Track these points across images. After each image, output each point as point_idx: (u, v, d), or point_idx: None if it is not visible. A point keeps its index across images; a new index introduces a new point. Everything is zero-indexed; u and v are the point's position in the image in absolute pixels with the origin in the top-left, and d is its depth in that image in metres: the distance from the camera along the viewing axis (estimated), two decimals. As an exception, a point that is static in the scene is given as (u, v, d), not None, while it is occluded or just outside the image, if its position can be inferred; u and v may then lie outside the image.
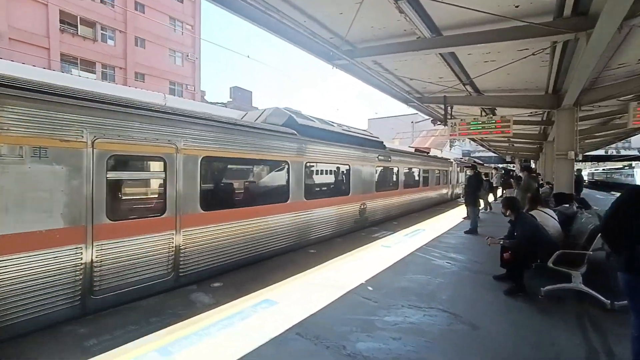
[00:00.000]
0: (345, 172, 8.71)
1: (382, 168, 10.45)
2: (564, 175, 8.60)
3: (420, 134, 41.39)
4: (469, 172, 9.70)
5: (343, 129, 8.75)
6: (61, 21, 24.28)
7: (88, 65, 26.03)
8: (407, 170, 12.65)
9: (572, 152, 8.40)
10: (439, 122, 12.28)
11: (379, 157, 9.85)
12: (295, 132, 6.92)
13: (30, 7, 22.63)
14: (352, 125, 9.90)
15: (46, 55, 23.38)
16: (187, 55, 33.24)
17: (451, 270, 5.48)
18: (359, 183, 9.01)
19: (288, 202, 6.77)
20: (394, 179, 11.56)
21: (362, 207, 9.30)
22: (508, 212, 4.52)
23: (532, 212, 4.80)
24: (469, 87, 9.49)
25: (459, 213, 12.54)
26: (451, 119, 10.89)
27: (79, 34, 25.40)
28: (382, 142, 10.44)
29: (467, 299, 4.21)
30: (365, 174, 9.22)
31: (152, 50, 30.19)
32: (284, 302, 3.99)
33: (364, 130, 10.20)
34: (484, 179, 12.64)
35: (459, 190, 21.44)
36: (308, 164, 7.25)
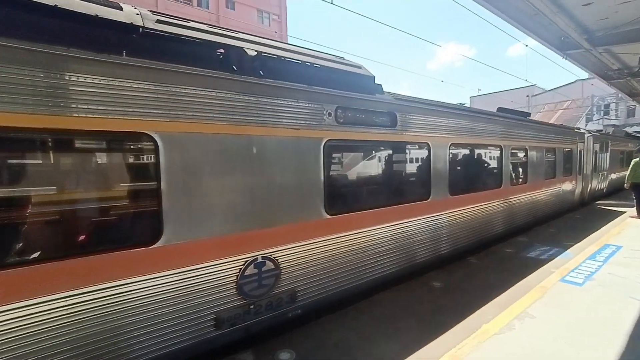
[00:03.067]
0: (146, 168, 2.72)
1: (360, 149, 4.32)
2: None
3: (544, 108, 33.12)
4: None
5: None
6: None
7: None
8: (458, 152, 5.68)
9: None
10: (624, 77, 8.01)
11: (342, 116, 3.64)
12: None
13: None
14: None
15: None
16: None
17: None
18: (240, 201, 2.95)
19: None
20: (413, 173, 4.97)
21: (246, 271, 2.96)
22: None
23: None
24: None
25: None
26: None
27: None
28: (373, 77, 4.17)
29: None
30: (278, 173, 3.18)
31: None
32: None
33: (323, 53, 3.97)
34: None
35: (599, 182, 12.22)
36: None
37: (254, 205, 3.00)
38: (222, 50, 3.03)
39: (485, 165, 6.43)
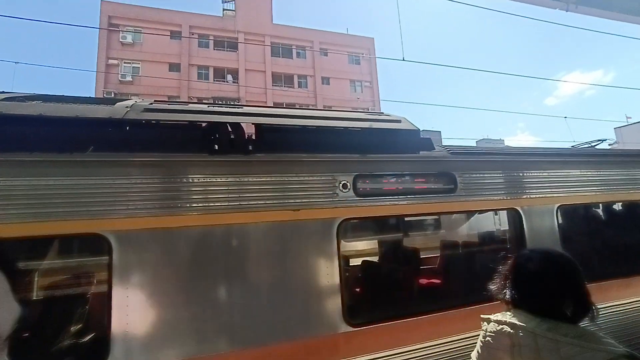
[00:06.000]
0: None
1: (397, 227, 3.22)
2: None
3: None
4: None
5: None
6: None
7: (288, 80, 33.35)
8: (576, 217, 3.82)
9: None
10: None
11: (364, 187, 2.72)
12: None
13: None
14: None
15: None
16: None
17: None
18: (210, 314, 2.21)
19: None
20: (493, 254, 3.55)
21: None
22: None
23: None
24: None
25: None
26: None
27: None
28: (416, 130, 3.16)
29: None
30: (267, 270, 2.37)
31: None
32: None
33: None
34: None
35: None
36: None
37: (231, 318, 2.28)
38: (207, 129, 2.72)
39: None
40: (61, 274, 2.63)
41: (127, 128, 2.50)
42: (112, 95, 25.99)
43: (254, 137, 2.77)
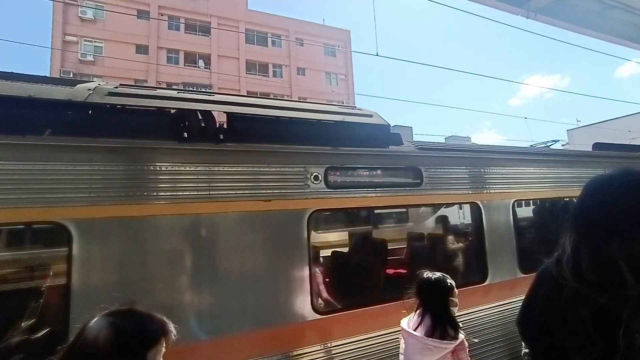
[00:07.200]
0: None
1: (366, 218, 3.52)
2: None
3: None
4: None
5: None
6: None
7: (263, 68, 32.30)
8: (531, 211, 4.53)
9: None
10: None
11: (335, 179, 2.82)
12: None
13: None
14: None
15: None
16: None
17: None
18: (180, 302, 2.20)
19: None
20: (452, 245, 3.82)
21: None
22: None
23: None
24: None
25: None
26: None
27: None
28: (386, 125, 3.23)
29: None
30: (237, 260, 2.40)
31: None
32: None
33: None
34: None
35: None
36: None
37: (200, 308, 2.27)
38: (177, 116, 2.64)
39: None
40: (15, 265, 2.47)
41: (90, 112, 2.37)
42: (71, 76, 24.16)
43: (225, 125, 2.73)
